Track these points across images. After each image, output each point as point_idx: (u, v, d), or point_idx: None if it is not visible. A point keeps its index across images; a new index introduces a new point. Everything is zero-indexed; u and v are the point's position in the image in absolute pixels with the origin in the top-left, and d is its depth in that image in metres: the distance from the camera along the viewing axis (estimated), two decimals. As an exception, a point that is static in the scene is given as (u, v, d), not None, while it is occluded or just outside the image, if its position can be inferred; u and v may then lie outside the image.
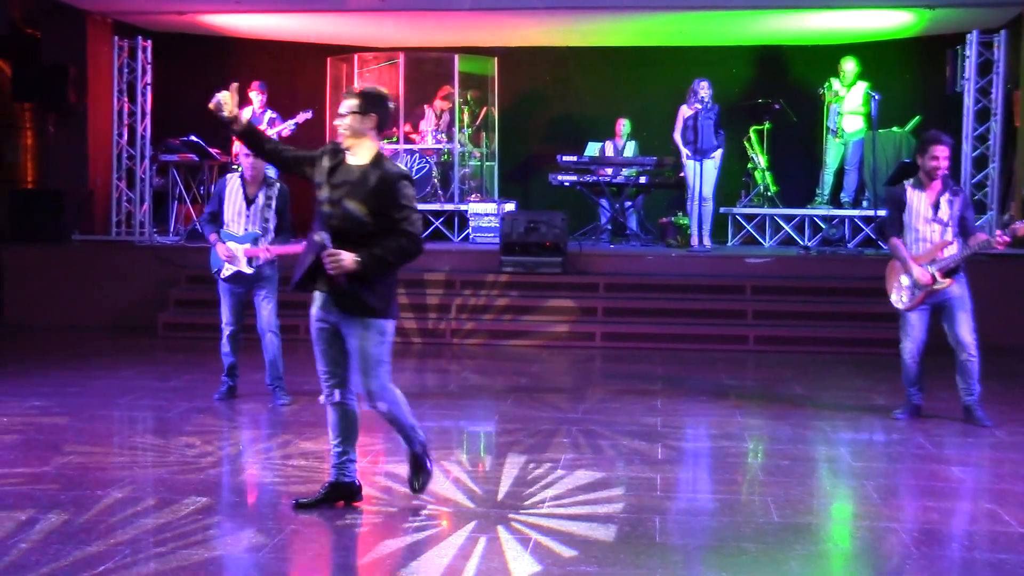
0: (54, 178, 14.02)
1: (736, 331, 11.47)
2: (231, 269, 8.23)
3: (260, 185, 8.24)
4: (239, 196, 8.23)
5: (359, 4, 13.46)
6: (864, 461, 6.99)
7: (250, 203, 8.21)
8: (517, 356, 10.98)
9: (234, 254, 8.17)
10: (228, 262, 8.19)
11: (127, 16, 14.46)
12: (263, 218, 8.20)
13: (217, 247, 8.22)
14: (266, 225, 8.21)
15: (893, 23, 14.10)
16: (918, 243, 7.72)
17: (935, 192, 7.67)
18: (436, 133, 14.91)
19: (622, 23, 14.51)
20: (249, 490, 6.26)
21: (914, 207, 7.71)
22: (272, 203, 8.21)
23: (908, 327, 7.87)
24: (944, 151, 7.58)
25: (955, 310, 7.71)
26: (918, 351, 7.86)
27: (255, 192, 8.23)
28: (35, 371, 9.89)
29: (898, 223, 7.78)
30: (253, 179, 8.22)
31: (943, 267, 7.61)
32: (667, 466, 6.73)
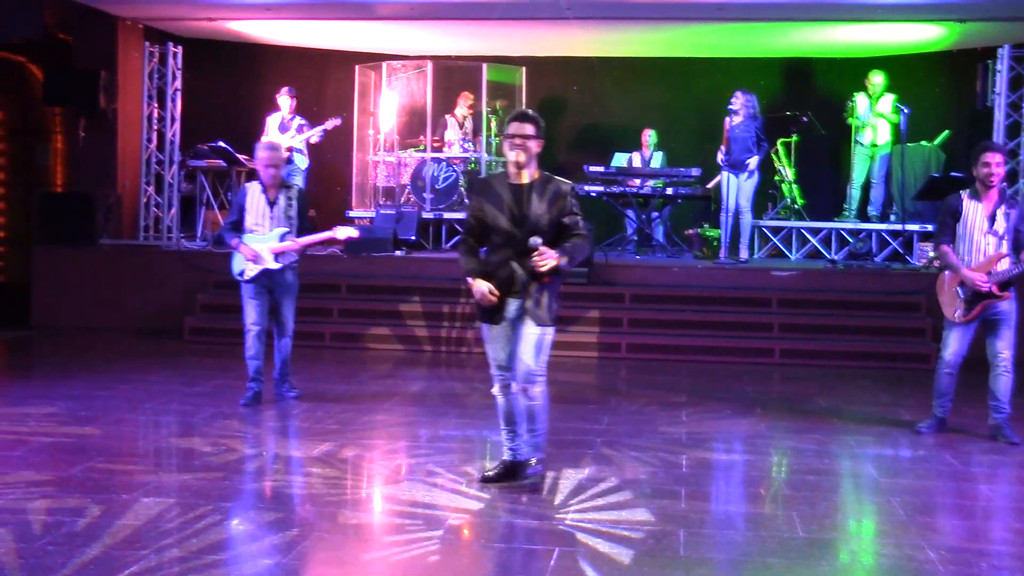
0: (84, 182, 14.11)
1: (762, 344, 11.42)
2: (256, 269, 8.30)
3: (279, 188, 8.40)
4: (261, 201, 8.38)
5: (388, 12, 13.50)
6: (890, 477, 6.95)
7: (272, 205, 8.37)
8: (542, 366, 10.95)
9: (259, 253, 8.27)
10: (253, 262, 8.26)
11: (158, 22, 14.55)
12: (286, 216, 8.39)
13: (241, 248, 8.31)
14: (291, 224, 8.39)
15: (923, 36, 14.04)
16: (972, 254, 7.63)
17: (992, 203, 7.59)
18: (463, 142, 14.92)
19: (650, 34, 14.50)
20: (274, 495, 6.27)
21: (970, 218, 7.63)
22: (293, 203, 8.40)
23: (951, 339, 7.78)
24: (996, 157, 7.51)
25: (1002, 324, 7.64)
26: (956, 364, 7.79)
27: (275, 195, 8.39)
28: (63, 374, 9.95)
29: (951, 232, 7.69)
30: (272, 183, 8.36)
31: (998, 280, 7.53)
32: (692, 479, 6.70)
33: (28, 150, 16.04)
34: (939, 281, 7.92)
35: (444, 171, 14.53)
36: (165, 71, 14.06)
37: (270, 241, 8.31)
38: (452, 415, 8.46)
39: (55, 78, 13.88)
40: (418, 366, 10.87)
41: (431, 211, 14.29)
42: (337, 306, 11.99)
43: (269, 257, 8.30)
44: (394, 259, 12.90)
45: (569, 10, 12.94)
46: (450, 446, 7.48)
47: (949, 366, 7.81)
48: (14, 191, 16.12)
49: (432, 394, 9.47)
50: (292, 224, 8.39)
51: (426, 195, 14.45)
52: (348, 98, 15.72)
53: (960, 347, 7.76)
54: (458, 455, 7.20)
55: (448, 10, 13.32)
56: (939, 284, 7.91)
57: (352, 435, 7.68)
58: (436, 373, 10.64)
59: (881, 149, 13.66)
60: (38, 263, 13.33)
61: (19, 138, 16.10)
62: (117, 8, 13.82)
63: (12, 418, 7.91)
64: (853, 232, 13.62)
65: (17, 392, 9.25)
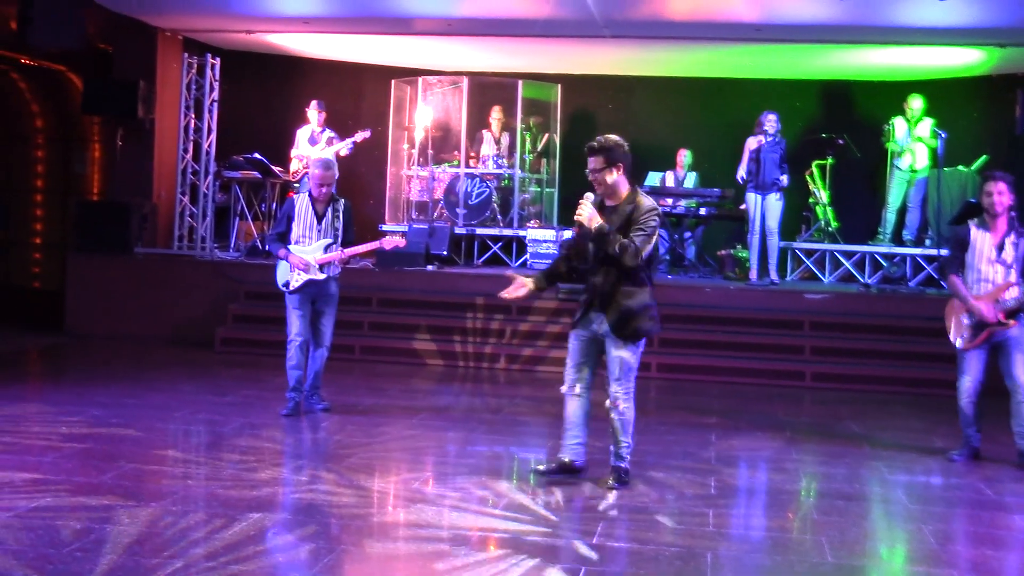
0: (120, 191, 14.21)
1: (793, 367, 11.35)
2: (301, 279, 8.39)
3: (328, 202, 8.49)
4: (309, 213, 8.50)
5: (426, 27, 13.55)
6: (921, 504, 6.88)
7: (320, 218, 8.48)
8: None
9: (308, 262, 8.37)
10: (302, 270, 8.33)
11: (197, 34, 14.66)
12: (333, 228, 8.51)
13: (290, 258, 8.41)
14: (336, 235, 8.51)
15: (962, 61, 13.94)
16: (980, 283, 7.64)
17: (1000, 233, 7.59)
18: (497, 158, 14.94)
19: (687, 53, 14.48)
20: (302, 507, 6.28)
21: (978, 247, 7.64)
22: (340, 216, 8.53)
23: (965, 367, 7.77)
24: (999, 187, 7.54)
25: (1012, 350, 7.60)
26: (975, 391, 7.75)
27: (324, 208, 8.50)
28: (95, 381, 10.01)
29: (959, 262, 7.72)
30: (322, 197, 8.47)
31: (1006, 309, 7.51)
32: (720, 501, 6.66)
33: (66, 158, 16.19)
34: (948, 307, 7.92)
35: (477, 187, 14.56)
36: (203, 82, 14.16)
37: (315, 252, 8.39)
38: (481, 431, 8.45)
39: (94, 87, 13.99)
40: (448, 381, 10.86)
41: (463, 226, 14.31)
42: (368, 319, 12.02)
43: (316, 267, 8.38)
44: (426, 274, 12.92)
45: (606, 28, 12.94)
46: (478, 462, 7.48)
47: (968, 394, 7.77)
48: (51, 199, 16.27)
49: (461, 409, 9.46)
50: (337, 236, 8.51)
51: (459, 210, 14.47)
52: (383, 112, 15.78)
53: (975, 374, 7.74)
54: (486, 471, 7.19)
55: (486, 27, 13.34)
56: (948, 310, 7.91)
57: (380, 448, 7.69)
58: (465, 388, 10.64)
59: (919, 173, 13.59)
60: (73, 270, 13.44)
61: (57, 146, 16.25)
62: (158, 19, 13.94)
63: (44, 424, 7.97)
64: (887, 256, 13.54)
65: (49, 398, 9.33)
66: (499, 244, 14.31)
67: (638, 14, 12.29)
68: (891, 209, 13.81)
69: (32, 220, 16.30)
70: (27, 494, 6.04)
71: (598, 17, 12.37)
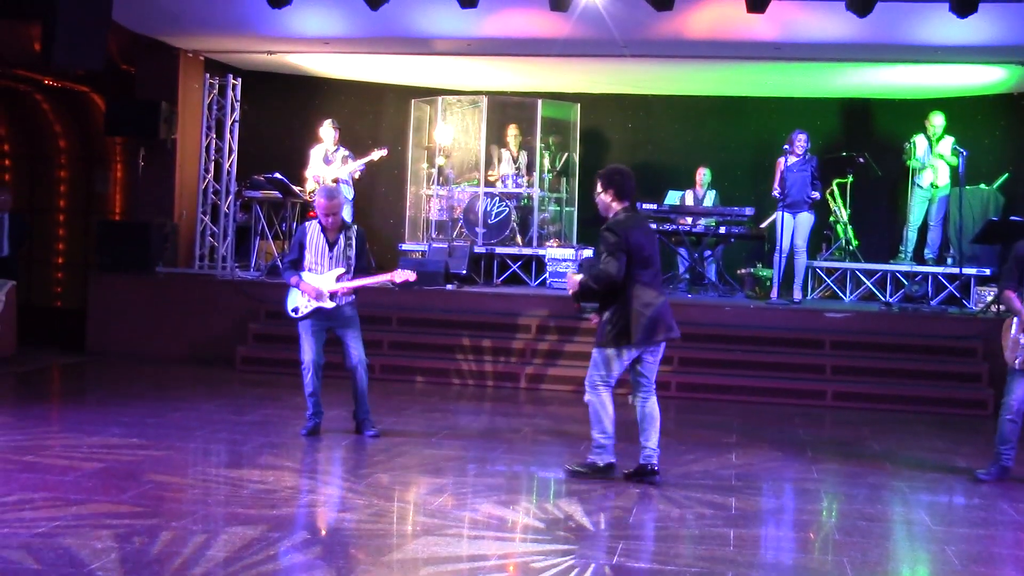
0: (142, 211, 14.29)
1: (814, 386, 11.30)
2: (310, 306, 8.38)
3: (339, 230, 8.45)
4: (320, 241, 8.46)
5: (445, 47, 13.60)
6: (945, 525, 6.83)
7: (332, 246, 8.45)
8: (591, 403, 10.91)
9: (320, 290, 8.33)
10: (313, 299, 8.32)
11: (219, 54, 14.76)
12: (345, 257, 8.44)
13: (301, 286, 8.39)
14: (348, 264, 8.44)
15: (983, 79, 13.90)
16: None
17: None
18: (516, 177, 14.96)
19: (706, 72, 14.48)
20: (321, 527, 6.27)
21: None
22: (352, 243, 8.47)
23: (1014, 385, 7.68)
24: None
25: None
26: (1019, 410, 7.68)
27: (335, 236, 8.46)
28: (116, 400, 10.05)
29: (1015, 277, 7.65)
30: (332, 226, 8.43)
31: None
32: (741, 521, 6.63)
33: (88, 178, 16.29)
34: (1005, 325, 7.82)
35: (497, 206, 14.58)
36: (224, 102, 14.24)
37: (327, 281, 8.39)
38: (500, 451, 8.43)
39: (117, 108, 14.08)
40: (467, 400, 10.86)
41: (483, 246, 14.32)
42: (387, 339, 12.03)
43: (325, 295, 8.38)
44: (445, 293, 12.92)
45: (625, 47, 12.96)
46: (498, 481, 7.46)
47: (1012, 412, 7.70)
48: (74, 218, 16.37)
49: (480, 429, 9.45)
50: (350, 264, 8.46)
51: (478, 229, 14.49)
52: (403, 132, 15.84)
53: (1022, 393, 7.64)
54: (506, 490, 7.17)
55: (505, 46, 13.39)
56: (1004, 328, 7.82)
57: (399, 468, 7.69)
58: (485, 408, 10.63)
59: (940, 191, 13.55)
60: (95, 290, 13.51)
61: (80, 166, 16.36)
62: (180, 40, 14.04)
63: (65, 443, 8.00)
64: (909, 275, 13.48)
65: (71, 417, 9.36)
66: (518, 263, 14.32)
67: (657, 33, 12.30)
68: (912, 227, 13.76)
69: (55, 240, 16.41)
70: (48, 513, 6.06)
71: (618, 36, 12.39)
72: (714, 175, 14.80)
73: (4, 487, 6.59)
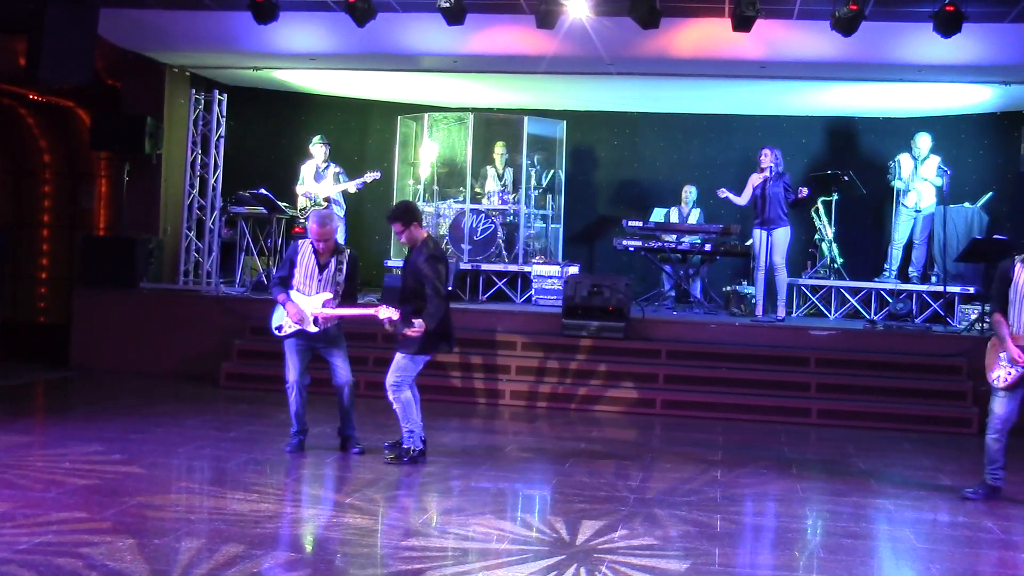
0: (126, 226, 14.24)
1: (799, 403, 11.31)
2: (293, 327, 8.34)
3: (332, 253, 8.42)
4: (311, 262, 8.42)
5: (432, 64, 13.62)
6: (930, 543, 6.83)
7: (322, 269, 8.40)
8: (576, 420, 10.92)
9: (303, 315, 8.29)
10: (295, 323, 8.28)
11: (204, 70, 14.75)
12: (334, 282, 8.40)
13: (287, 306, 8.34)
14: (337, 288, 8.40)
15: (968, 98, 13.98)
16: (1020, 320, 7.58)
17: None
18: (503, 194, 14.96)
19: (692, 90, 14.53)
20: (305, 544, 6.25)
21: (1020, 283, 7.58)
22: (344, 268, 8.43)
23: (998, 404, 7.70)
24: None
25: None
26: (1004, 430, 7.69)
27: (327, 260, 8.42)
28: (100, 415, 9.99)
29: (1003, 299, 7.65)
30: (324, 250, 8.41)
31: None
32: (726, 539, 6.62)
33: (73, 193, 16.25)
34: (989, 345, 7.85)
35: (483, 223, 14.58)
36: (210, 118, 14.22)
37: (312, 304, 8.34)
38: (484, 467, 8.42)
39: (102, 123, 14.04)
40: (451, 416, 10.82)
41: (469, 262, 14.32)
42: (373, 355, 11.97)
43: (309, 319, 8.34)
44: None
45: (612, 65, 13.01)
46: (480, 497, 7.44)
47: (996, 432, 7.71)
48: (58, 233, 16.33)
49: (465, 446, 9.42)
50: (338, 290, 8.41)
51: (464, 246, 14.49)
52: (389, 148, 15.84)
53: (1006, 413, 7.67)
54: (490, 507, 7.16)
55: (492, 63, 13.41)
56: (989, 348, 7.84)
57: (384, 486, 7.66)
58: (470, 424, 10.60)
59: (924, 211, 13.59)
60: (79, 305, 13.45)
61: (65, 181, 16.33)
62: (166, 56, 14.03)
63: (48, 459, 7.95)
64: (893, 292, 13.52)
65: (54, 433, 9.31)
66: (504, 280, 14.32)
67: (643, 51, 12.35)
68: (897, 245, 13.81)
69: (39, 255, 16.35)
70: (29, 530, 6.02)
71: (604, 54, 12.44)
72: (700, 192, 14.83)
73: (-15, 504, 6.55)
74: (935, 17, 10.54)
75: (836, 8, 10.70)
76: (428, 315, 8.05)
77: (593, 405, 11.49)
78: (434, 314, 8.08)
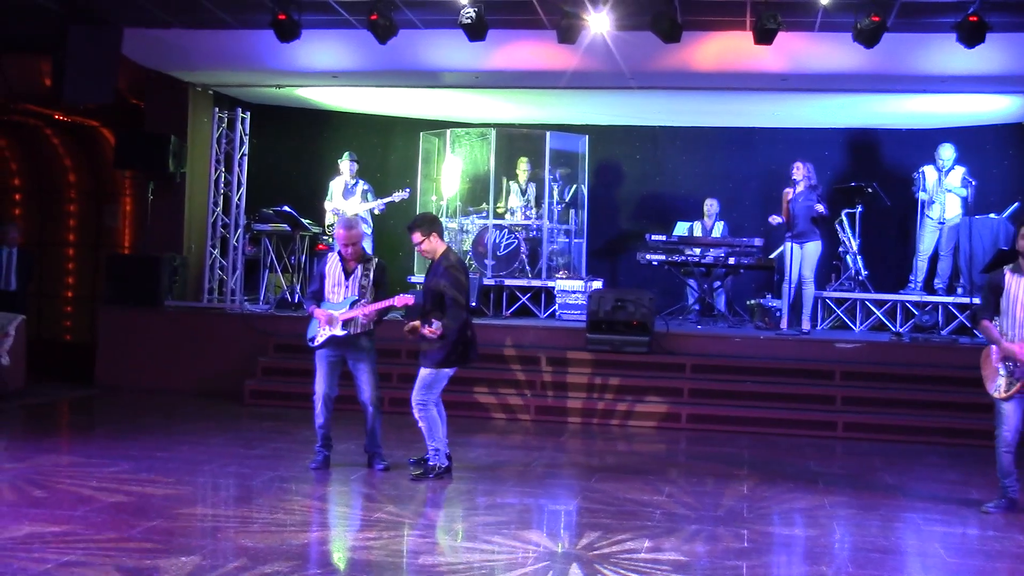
0: (151, 244, 14.30)
1: (825, 417, 11.24)
2: (324, 335, 8.40)
3: (359, 260, 8.52)
4: (338, 270, 8.55)
5: (454, 80, 13.64)
6: (959, 557, 6.76)
7: (348, 275, 8.49)
8: (601, 435, 10.89)
9: (332, 315, 8.38)
10: (327, 325, 8.35)
11: (227, 88, 14.82)
12: (360, 286, 8.48)
13: (316, 313, 8.46)
14: (363, 293, 8.48)
15: (992, 108, 13.90)
16: (1014, 329, 7.56)
17: None
18: (526, 209, 14.96)
19: (713, 103, 14.50)
20: (332, 561, 6.24)
21: (1012, 292, 7.58)
22: (370, 274, 8.51)
23: (1003, 416, 7.67)
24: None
25: None
26: (1012, 441, 7.65)
27: (354, 266, 8.52)
28: (125, 434, 10.03)
29: (993, 307, 7.67)
30: (351, 256, 8.50)
31: None
32: (753, 554, 6.57)
33: (98, 212, 16.35)
34: (984, 355, 7.83)
35: (506, 238, 14.58)
36: (233, 136, 14.29)
37: (340, 309, 8.41)
38: (510, 483, 8.40)
39: (126, 142, 14.13)
40: (477, 432, 10.81)
41: (492, 278, 14.31)
42: (397, 371, 11.97)
43: (337, 324, 8.39)
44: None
45: (633, 80, 13.00)
46: (507, 513, 7.42)
47: (1006, 444, 7.68)
48: (83, 252, 16.42)
49: (490, 462, 9.40)
50: (365, 294, 8.48)
51: (487, 261, 14.49)
52: (412, 164, 15.87)
53: (1014, 423, 7.63)
54: (516, 522, 7.14)
55: (514, 79, 13.42)
56: (983, 358, 7.82)
57: (409, 502, 7.65)
58: (494, 440, 10.58)
59: (949, 222, 13.52)
60: (104, 323, 13.52)
61: (89, 200, 16.43)
62: (189, 75, 14.11)
63: (75, 477, 7.98)
64: (919, 304, 13.44)
65: (80, 451, 9.34)
66: (528, 295, 14.30)
67: (665, 65, 12.34)
68: (922, 257, 13.73)
69: (64, 274, 16.45)
70: (57, 548, 6.03)
71: (625, 68, 12.44)
72: (723, 206, 14.79)
73: (14, 522, 6.57)
74: (958, 27, 10.52)
75: (858, 20, 10.68)
76: (446, 321, 8.11)
77: (618, 420, 11.45)
78: (452, 320, 8.12)
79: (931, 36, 11.30)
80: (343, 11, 11.64)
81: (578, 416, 11.48)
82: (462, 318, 8.23)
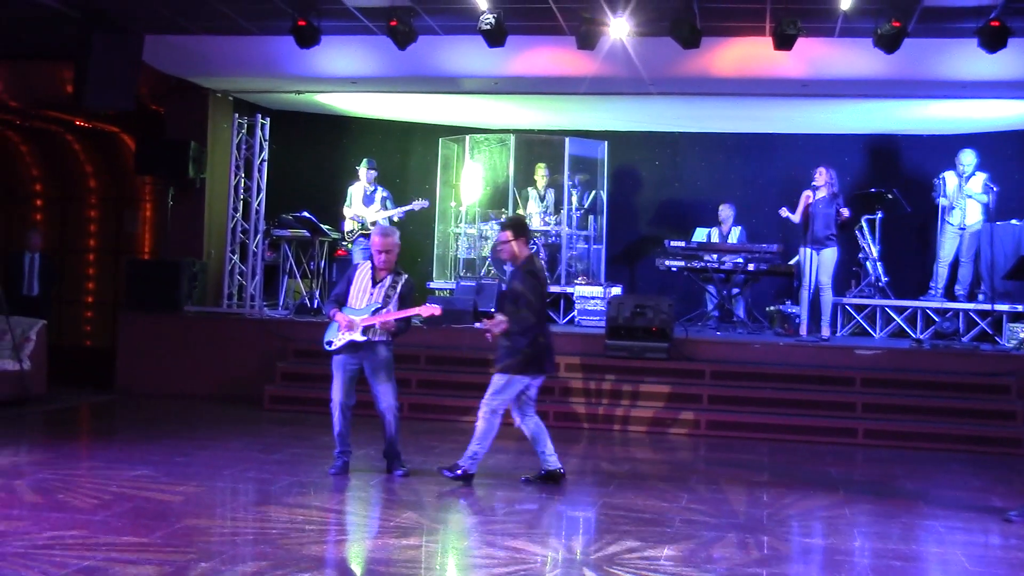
0: (171, 250, 14.37)
1: (845, 424, 11.20)
2: (343, 340, 8.39)
3: (389, 271, 8.53)
4: (367, 277, 8.57)
5: (473, 86, 13.66)
6: (981, 566, 6.71)
7: (376, 283, 8.50)
8: (620, 441, 10.87)
9: (352, 320, 8.37)
10: (346, 329, 8.34)
11: (247, 94, 14.88)
12: (386, 295, 8.47)
13: (336, 317, 8.46)
14: (387, 301, 8.46)
15: (1014, 113, 13.83)
16: None
17: None
18: (544, 215, 14.96)
19: (733, 109, 14.48)
20: (350, 566, 6.24)
21: None
22: (398, 287, 8.51)
23: None
24: None
25: None
26: None
27: (384, 276, 8.53)
28: (145, 439, 10.05)
29: None
30: (384, 264, 8.52)
31: None
32: (773, 562, 6.55)
33: (118, 218, 16.42)
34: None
35: (525, 244, 14.55)
36: (253, 142, 14.33)
37: (362, 315, 8.40)
38: (528, 489, 8.38)
39: (146, 148, 14.18)
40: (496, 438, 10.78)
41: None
42: (416, 377, 12.00)
43: (357, 329, 8.38)
44: (473, 331, 12.86)
45: (652, 85, 12.99)
46: (525, 520, 7.41)
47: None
48: (103, 258, 16.49)
49: (508, 467, 9.39)
50: (389, 304, 8.46)
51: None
52: (431, 170, 15.90)
53: None
54: (535, 528, 7.12)
55: (533, 85, 13.44)
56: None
57: (428, 507, 7.65)
58: (512, 446, 10.56)
59: (970, 228, 13.46)
60: (124, 329, 13.57)
61: (110, 206, 16.50)
62: (209, 81, 14.17)
63: (95, 481, 8.00)
64: (940, 311, 13.37)
65: (100, 456, 9.37)
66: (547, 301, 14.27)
67: (684, 71, 12.33)
68: (943, 263, 13.68)
69: (85, 279, 16.52)
70: (77, 553, 6.05)
71: (644, 74, 12.43)
72: (742, 212, 14.76)
73: (35, 526, 6.59)
74: (980, 32, 10.47)
75: (878, 25, 10.65)
76: (513, 320, 8.18)
77: (637, 426, 11.43)
78: (520, 321, 8.17)
79: (952, 41, 11.25)
80: (363, 17, 11.67)
81: (597, 422, 11.46)
82: (527, 323, 8.19)
